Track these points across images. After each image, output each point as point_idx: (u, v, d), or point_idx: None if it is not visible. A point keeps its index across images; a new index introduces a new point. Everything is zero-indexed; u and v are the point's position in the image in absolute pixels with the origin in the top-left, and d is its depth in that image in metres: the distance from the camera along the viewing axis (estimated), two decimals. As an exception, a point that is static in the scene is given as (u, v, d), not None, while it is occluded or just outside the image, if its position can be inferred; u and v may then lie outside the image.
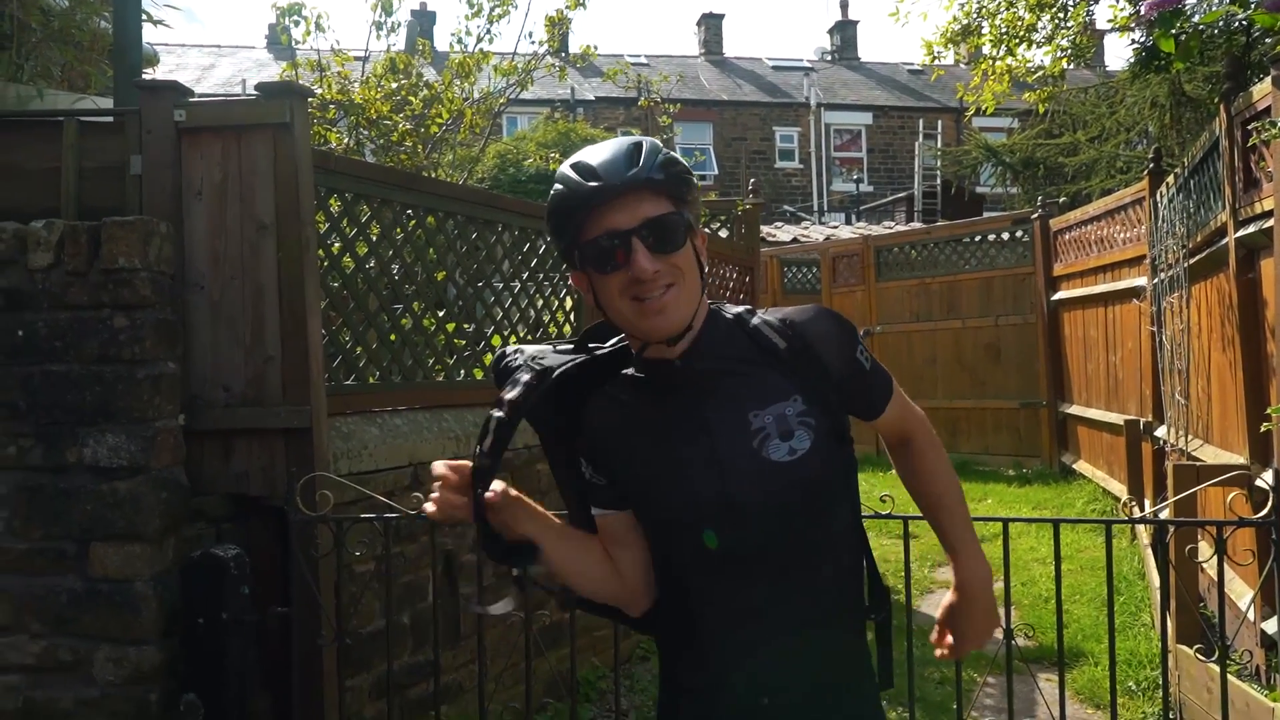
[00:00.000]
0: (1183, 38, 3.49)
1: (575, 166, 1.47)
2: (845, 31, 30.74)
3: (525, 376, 1.50)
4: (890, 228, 17.07)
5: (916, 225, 15.70)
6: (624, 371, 1.57)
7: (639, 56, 27.31)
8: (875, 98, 27.75)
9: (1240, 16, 3.84)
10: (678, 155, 1.55)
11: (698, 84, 26.34)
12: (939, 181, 19.44)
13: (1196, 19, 3.55)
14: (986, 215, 14.92)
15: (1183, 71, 8.61)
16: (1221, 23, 4.38)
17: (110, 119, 3.28)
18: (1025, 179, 15.68)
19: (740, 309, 1.59)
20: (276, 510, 3.13)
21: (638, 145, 1.47)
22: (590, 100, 24.36)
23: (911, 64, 30.28)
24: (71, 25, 3.85)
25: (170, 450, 2.95)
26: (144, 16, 3.60)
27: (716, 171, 25.45)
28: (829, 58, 30.51)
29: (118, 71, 3.39)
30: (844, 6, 31.31)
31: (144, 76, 3.64)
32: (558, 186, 1.48)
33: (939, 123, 26.14)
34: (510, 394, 1.48)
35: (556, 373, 1.52)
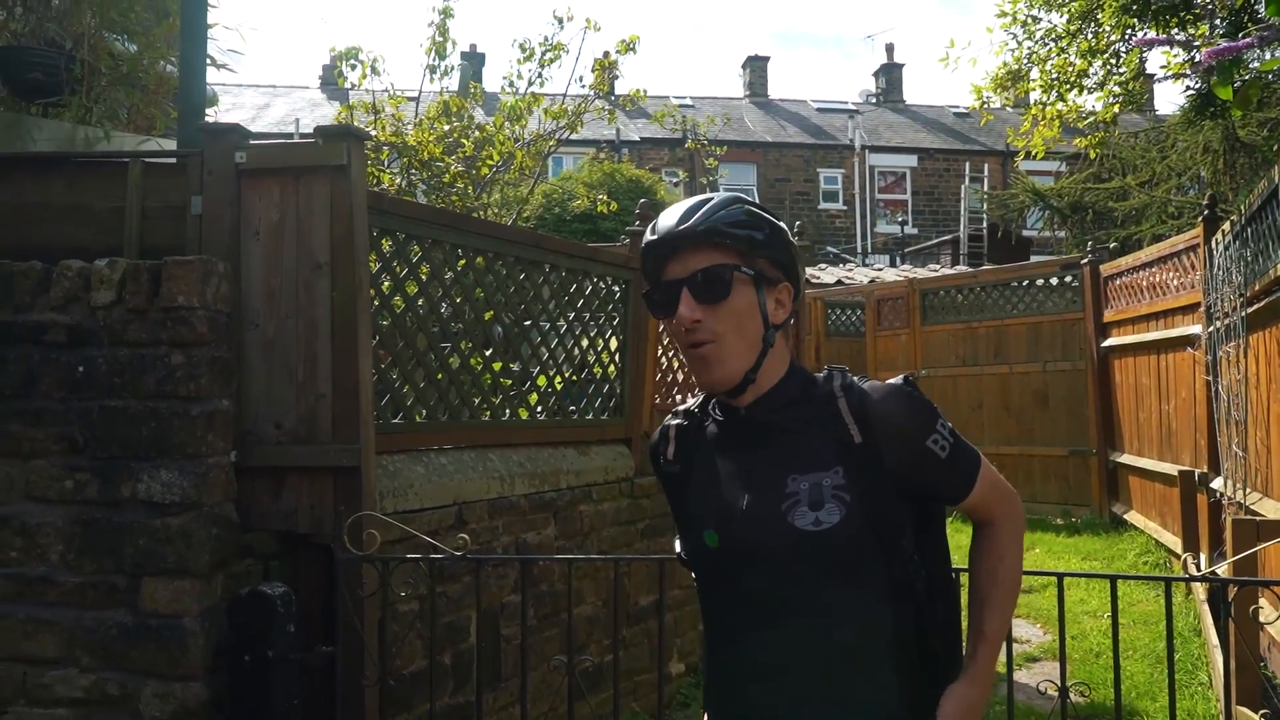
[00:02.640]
0: (1240, 85, 3.45)
1: (655, 220, 1.58)
2: (890, 74, 30.79)
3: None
4: (935, 270, 16.96)
5: (963, 268, 15.59)
6: (710, 410, 1.66)
7: (684, 98, 27.56)
8: (920, 140, 27.71)
9: (1301, 64, 3.79)
10: (756, 209, 1.59)
11: (742, 125, 26.48)
12: (985, 224, 19.30)
13: (1255, 65, 3.51)
14: (1034, 260, 14.79)
15: (1238, 117, 8.51)
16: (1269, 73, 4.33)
17: (173, 160, 3.37)
18: (1073, 223, 15.54)
19: (834, 370, 1.61)
20: (324, 548, 3.14)
21: (704, 201, 1.56)
22: (635, 141, 24.57)
23: (957, 106, 30.22)
24: (138, 69, 3.97)
25: (222, 487, 2.98)
26: (208, 60, 3.69)
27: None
28: (874, 100, 30.56)
29: (182, 114, 3.48)
30: (889, 49, 31.41)
31: (206, 118, 3.73)
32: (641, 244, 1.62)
33: (985, 166, 26.03)
34: (682, 405, 1.72)
35: (662, 425, 1.70)
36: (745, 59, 30.85)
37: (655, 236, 1.55)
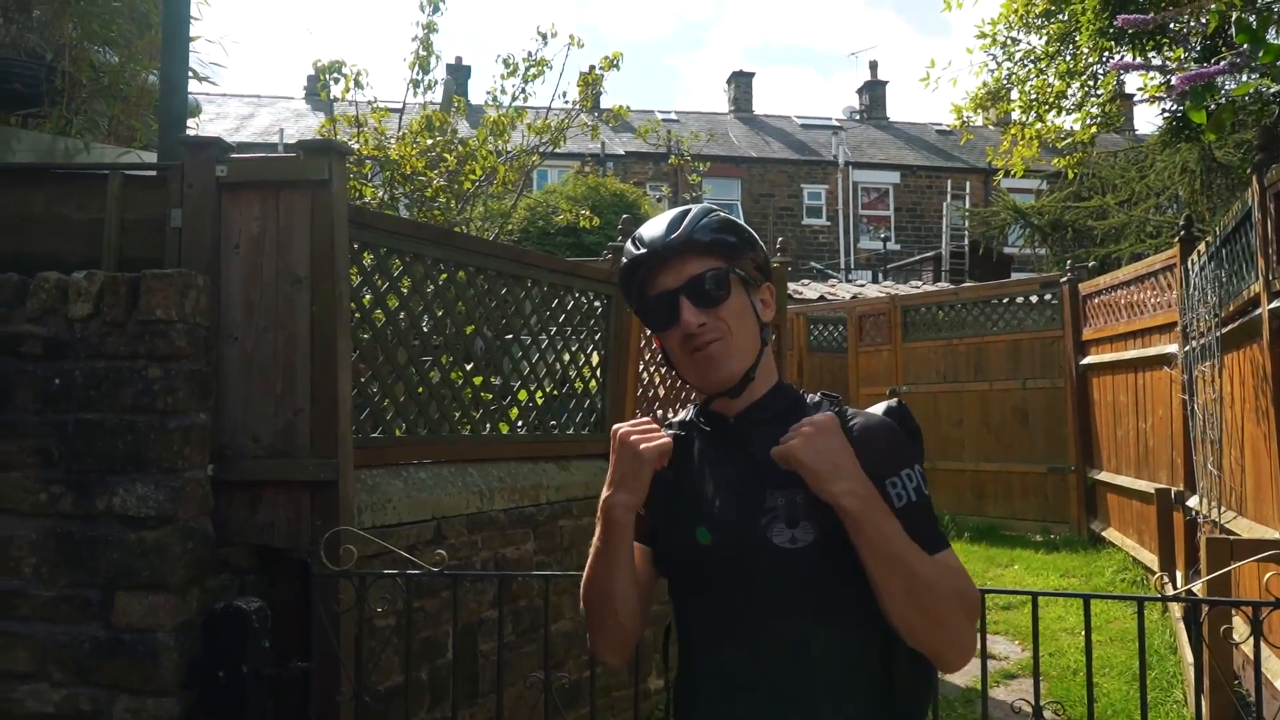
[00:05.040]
0: (1214, 109, 3.50)
1: (632, 238, 1.62)
2: (874, 91, 31.03)
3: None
4: (917, 287, 17.05)
5: (944, 285, 15.69)
6: (695, 418, 1.68)
7: (669, 113, 27.68)
8: (903, 157, 27.92)
9: (1272, 90, 3.85)
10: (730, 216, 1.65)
11: (727, 141, 26.61)
12: (967, 241, 19.45)
13: (1230, 88, 3.57)
14: (1015, 277, 14.90)
15: (1211, 140, 8.63)
16: (1251, 94, 4.39)
17: (154, 173, 3.36)
18: (1054, 241, 15.67)
19: (827, 398, 1.64)
20: (300, 563, 3.13)
21: (684, 212, 1.61)
22: (620, 155, 24.65)
23: (940, 124, 30.46)
24: (120, 81, 3.96)
25: (198, 501, 2.96)
26: (190, 73, 3.69)
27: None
28: (857, 117, 30.79)
29: (162, 126, 3.47)
30: (873, 67, 31.67)
31: (188, 130, 3.72)
32: (623, 259, 1.63)
33: (967, 183, 26.25)
34: (675, 418, 1.72)
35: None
36: (730, 74, 31.05)
37: (644, 250, 1.58)
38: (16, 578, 2.90)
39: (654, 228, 1.60)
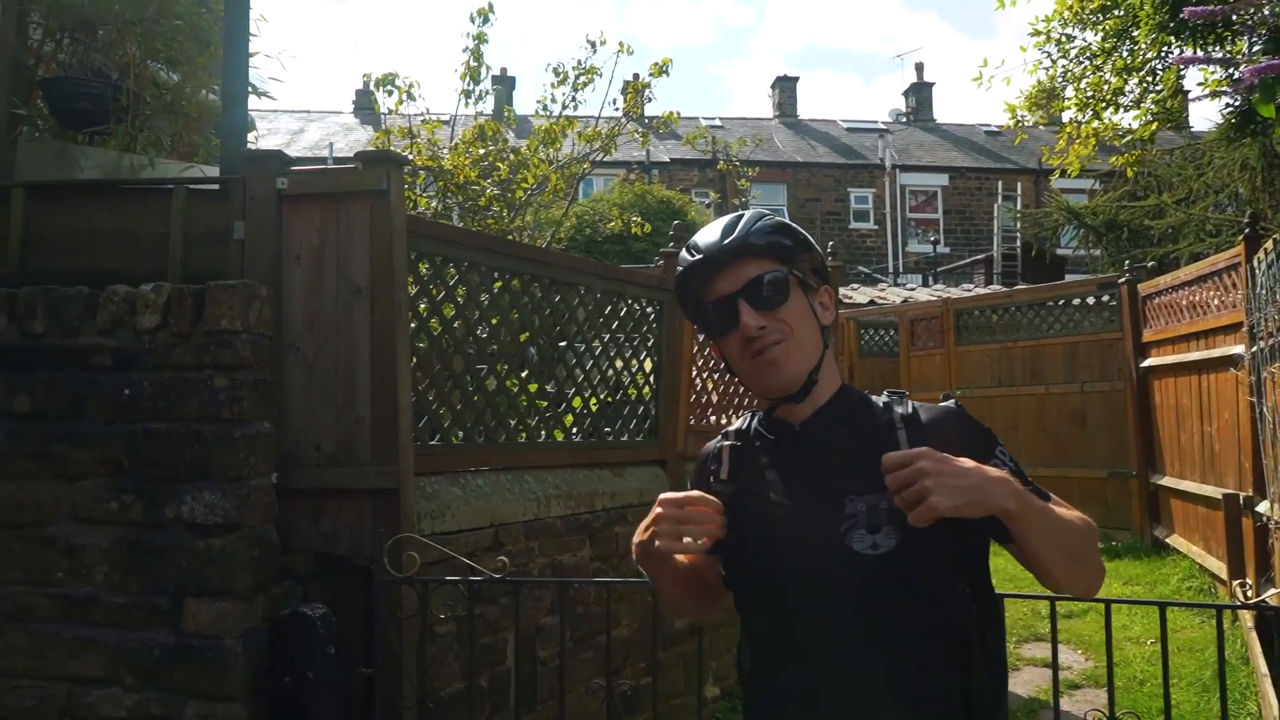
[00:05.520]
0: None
1: (686, 246, 1.61)
2: (920, 93, 30.72)
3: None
4: (969, 290, 16.82)
5: (997, 288, 15.47)
6: (759, 428, 1.66)
7: (713, 119, 27.63)
8: (951, 159, 27.60)
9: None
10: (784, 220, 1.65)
11: (772, 146, 26.52)
12: (1019, 243, 19.14)
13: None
14: (1071, 279, 14.63)
15: (1245, 140, 8.39)
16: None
17: (216, 186, 3.42)
18: (1108, 241, 15.36)
19: (894, 396, 1.61)
20: (363, 569, 3.16)
21: (738, 218, 1.60)
22: (665, 162, 24.67)
23: (988, 125, 30.08)
24: (181, 98, 4.04)
25: (263, 508, 3.00)
26: (249, 88, 3.76)
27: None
28: (904, 119, 30.50)
29: (224, 141, 3.54)
30: (919, 69, 31.36)
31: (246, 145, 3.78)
32: (678, 267, 1.62)
33: (1018, 184, 25.86)
34: (731, 427, 1.70)
35: (713, 446, 1.70)
36: (774, 79, 30.93)
37: (699, 255, 1.58)
38: (89, 585, 2.97)
39: (709, 234, 1.59)
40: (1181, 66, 4.76)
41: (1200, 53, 4.77)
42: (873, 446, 1.52)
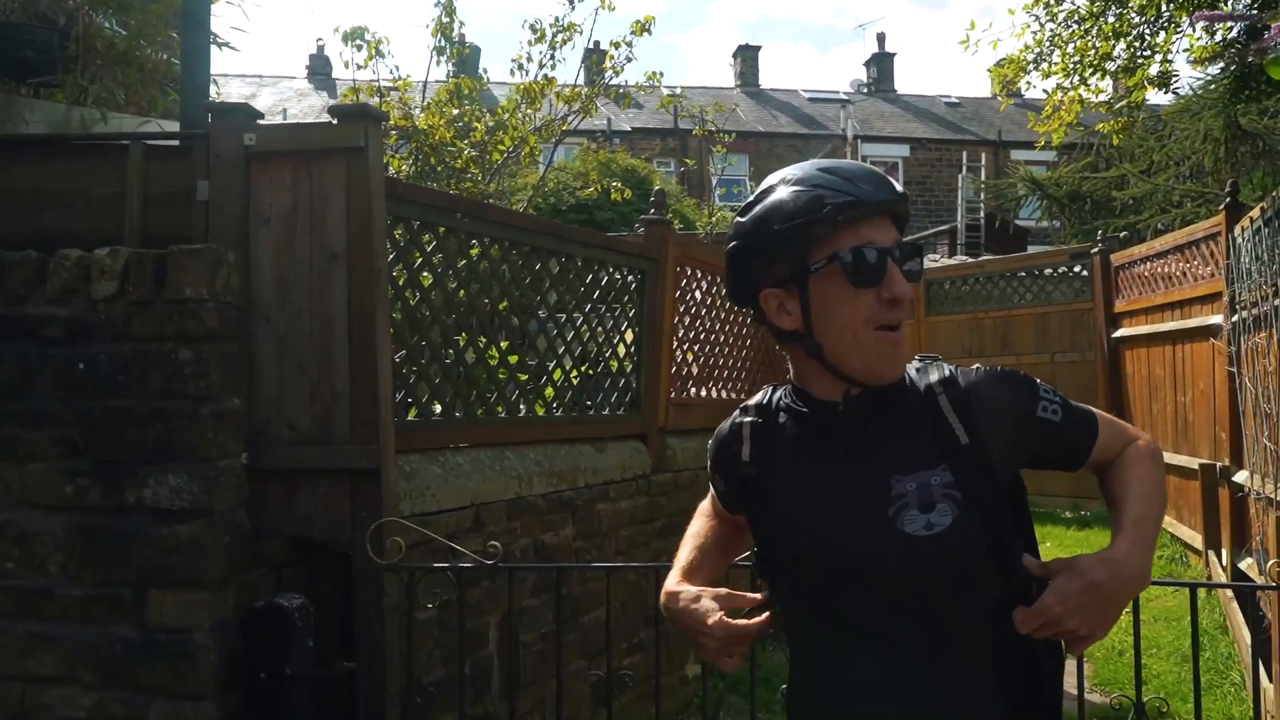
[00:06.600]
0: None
1: (834, 173, 1.38)
2: (882, 64, 30.64)
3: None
4: (934, 260, 16.81)
5: (964, 258, 15.47)
6: (792, 405, 1.49)
7: (674, 88, 27.27)
8: (912, 130, 27.58)
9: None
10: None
11: (734, 115, 26.23)
12: (982, 214, 19.18)
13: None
14: (1042, 249, 14.65)
15: (1236, 105, 8.37)
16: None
17: (177, 143, 3.16)
18: (1071, 213, 15.39)
19: (928, 361, 1.47)
20: (340, 555, 2.96)
21: (873, 170, 1.43)
22: (627, 131, 24.34)
23: (948, 96, 30.09)
24: (135, 48, 3.76)
25: (233, 491, 2.78)
26: (211, 38, 3.49)
27: (752, 202, 25.32)
28: (865, 90, 30.40)
29: (184, 94, 3.27)
30: (880, 39, 31.28)
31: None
32: (803, 188, 1.37)
33: (982, 155, 25.91)
34: (750, 401, 1.56)
35: (732, 424, 1.56)
36: (736, 48, 30.67)
37: (872, 190, 1.36)
38: (43, 576, 2.73)
39: (866, 173, 1.38)
40: (1201, 24, 4.64)
41: (1197, 13, 4.66)
42: (914, 420, 1.41)
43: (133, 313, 2.75)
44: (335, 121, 2.98)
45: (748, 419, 1.53)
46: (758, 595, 1.50)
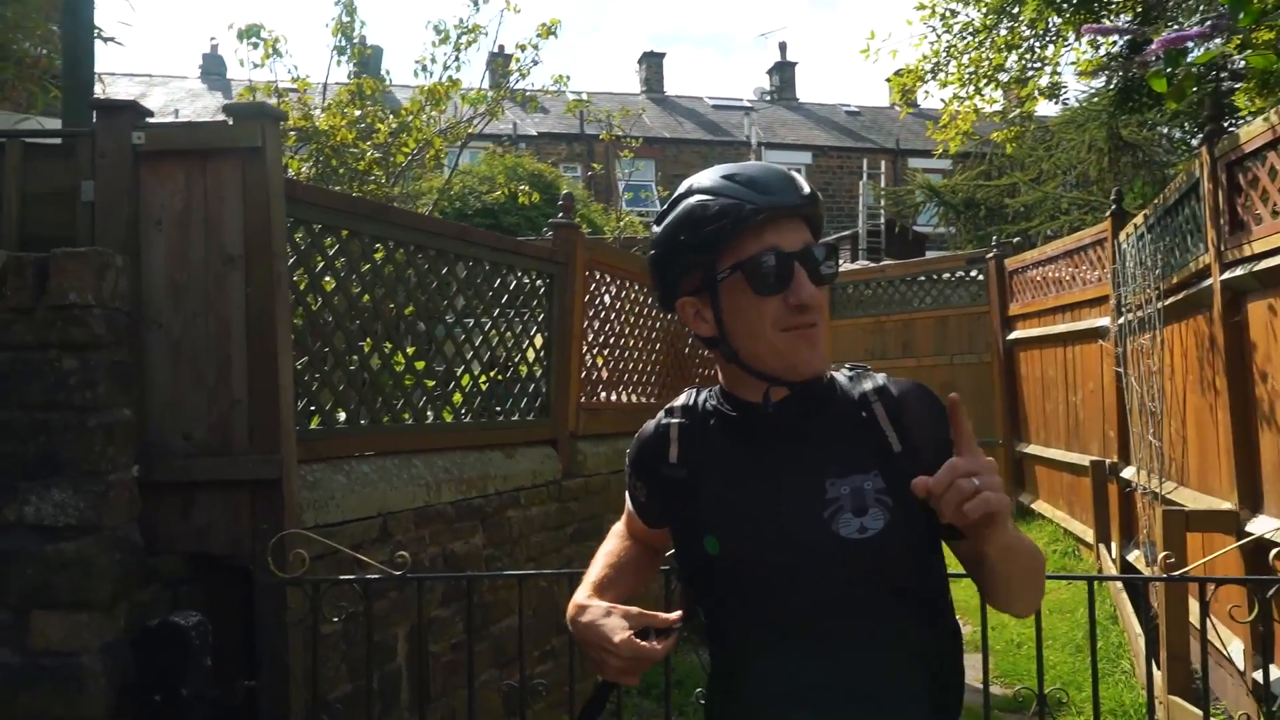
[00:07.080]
0: (1177, 77, 3.44)
1: (737, 179, 1.37)
2: (784, 72, 31.18)
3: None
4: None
5: (866, 263, 15.81)
6: (720, 407, 1.47)
7: (580, 93, 27.26)
8: (814, 137, 28.12)
9: (1236, 56, 3.83)
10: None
11: (640, 121, 26.30)
12: (882, 220, 19.67)
13: (1191, 58, 3.53)
14: (941, 254, 15.08)
15: (1119, 117, 8.78)
16: (1200, 66, 4.38)
17: (59, 141, 3.00)
18: (966, 219, 15.91)
19: (859, 370, 1.47)
20: (241, 570, 2.85)
21: (784, 172, 1.41)
22: (533, 135, 24.23)
23: (849, 105, 30.79)
24: (10, 41, 3.55)
25: (124, 506, 2.65)
26: (95, 32, 3.33)
27: (659, 208, 25.47)
28: (768, 98, 30.89)
29: (67, 90, 3.11)
30: (783, 48, 31.82)
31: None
32: (708, 198, 1.37)
33: (882, 163, 26.56)
34: (676, 403, 1.53)
35: (658, 425, 1.52)
36: (642, 54, 30.80)
37: (773, 198, 1.34)
38: (-87, 600, 2.56)
39: (774, 176, 1.37)
40: (1088, 37, 4.85)
41: (1085, 25, 4.86)
42: (847, 424, 1.40)
43: (12, 319, 2.60)
44: (231, 121, 2.88)
45: (675, 420, 1.50)
46: (671, 617, 1.43)
